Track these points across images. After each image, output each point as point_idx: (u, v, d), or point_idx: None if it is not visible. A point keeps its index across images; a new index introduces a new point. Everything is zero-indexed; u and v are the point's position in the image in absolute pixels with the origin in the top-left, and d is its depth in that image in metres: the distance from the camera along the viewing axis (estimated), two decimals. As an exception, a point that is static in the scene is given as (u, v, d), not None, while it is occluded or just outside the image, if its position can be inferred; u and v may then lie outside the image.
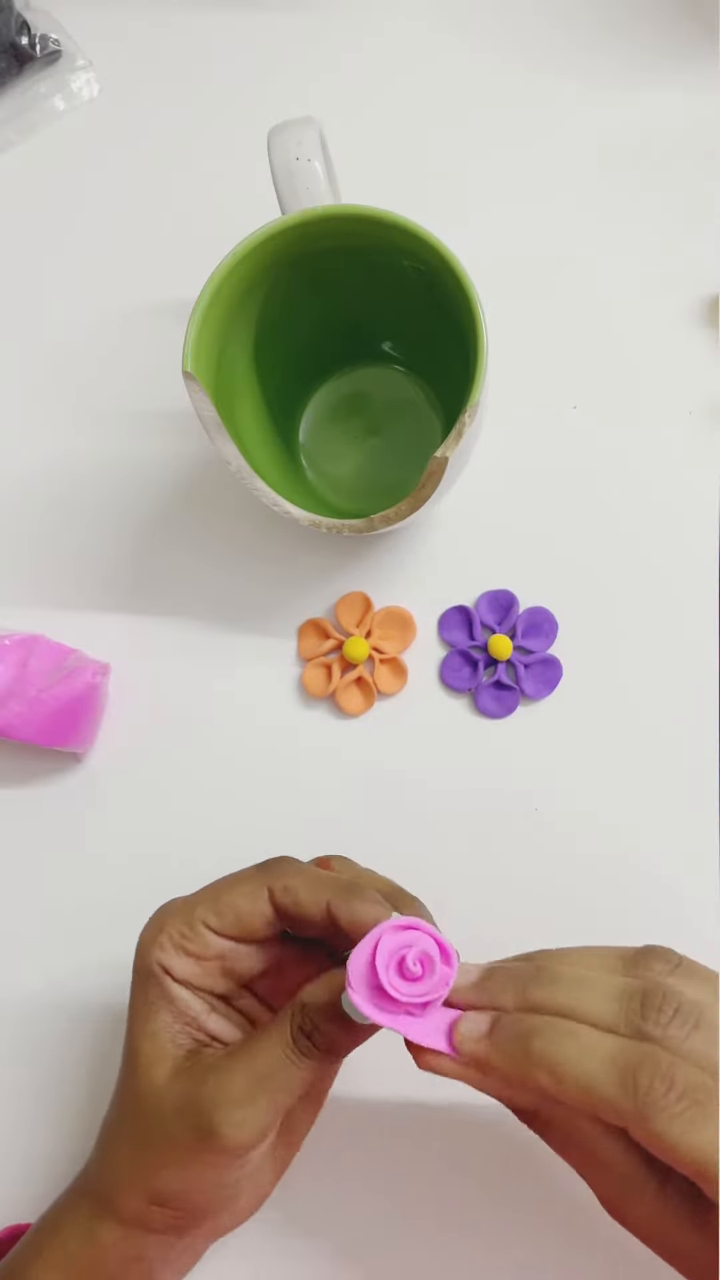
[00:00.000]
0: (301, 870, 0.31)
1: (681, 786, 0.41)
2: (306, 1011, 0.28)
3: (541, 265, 0.45)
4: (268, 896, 0.30)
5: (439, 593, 0.43)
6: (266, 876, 0.30)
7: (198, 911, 0.30)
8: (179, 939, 0.30)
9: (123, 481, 0.45)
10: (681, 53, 0.47)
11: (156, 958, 0.30)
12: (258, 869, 0.31)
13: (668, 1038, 0.25)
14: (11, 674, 0.39)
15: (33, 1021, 0.42)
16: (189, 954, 0.30)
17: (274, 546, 0.44)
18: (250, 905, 0.30)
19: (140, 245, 0.47)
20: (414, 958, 0.27)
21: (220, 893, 0.31)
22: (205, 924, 0.30)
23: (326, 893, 0.29)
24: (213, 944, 0.30)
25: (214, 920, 0.30)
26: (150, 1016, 0.30)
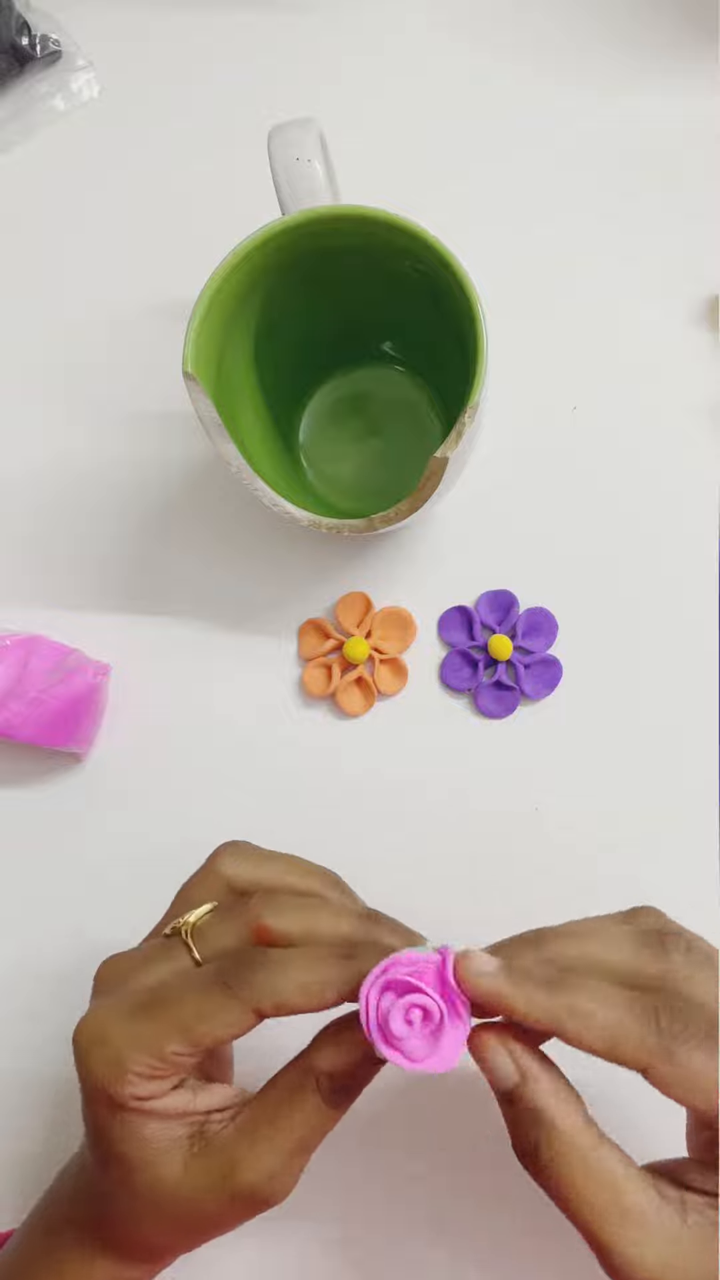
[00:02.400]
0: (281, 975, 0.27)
1: (682, 786, 0.41)
2: (335, 1077, 0.27)
3: (542, 266, 0.45)
4: (252, 1017, 0.27)
5: (439, 593, 0.43)
6: (243, 998, 0.27)
7: (164, 1044, 0.27)
8: (148, 1071, 0.27)
9: (123, 482, 0.45)
10: (681, 55, 0.47)
11: (128, 1093, 0.27)
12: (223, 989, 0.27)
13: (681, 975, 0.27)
14: (12, 674, 0.39)
15: (31, 1019, 0.42)
16: (163, 1077, 0.28)
17: (274, 547, 0.44)
18: (234, 1031, 0.27)
19: (140, 245, 0.47)
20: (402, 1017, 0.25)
21: (190, 1023, 0.27)
22: (175, 1053, 0.27)
23: (333, 992, 0.27)
24: (185, 1062, 0.27)
25: (187, 1050, 0.27)
26: (134, 1130, 0.28)
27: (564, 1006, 0.26)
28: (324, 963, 0.27)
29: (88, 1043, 0.28)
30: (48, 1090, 0.41)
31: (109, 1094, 0.27)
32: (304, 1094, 0.27)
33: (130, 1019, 0.28)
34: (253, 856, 0.31)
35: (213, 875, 0.31)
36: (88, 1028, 0.28)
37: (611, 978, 0.27)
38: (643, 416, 0.44)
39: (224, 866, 0.31)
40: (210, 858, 0.31)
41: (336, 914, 0.29)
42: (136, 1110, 0.27)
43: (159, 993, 0.28)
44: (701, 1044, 0.25)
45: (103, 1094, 0.27)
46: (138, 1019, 0.28)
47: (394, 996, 0.25)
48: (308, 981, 0.27)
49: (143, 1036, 0.27)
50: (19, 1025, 0.42)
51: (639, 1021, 0.26)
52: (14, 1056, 0.42)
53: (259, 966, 0.27)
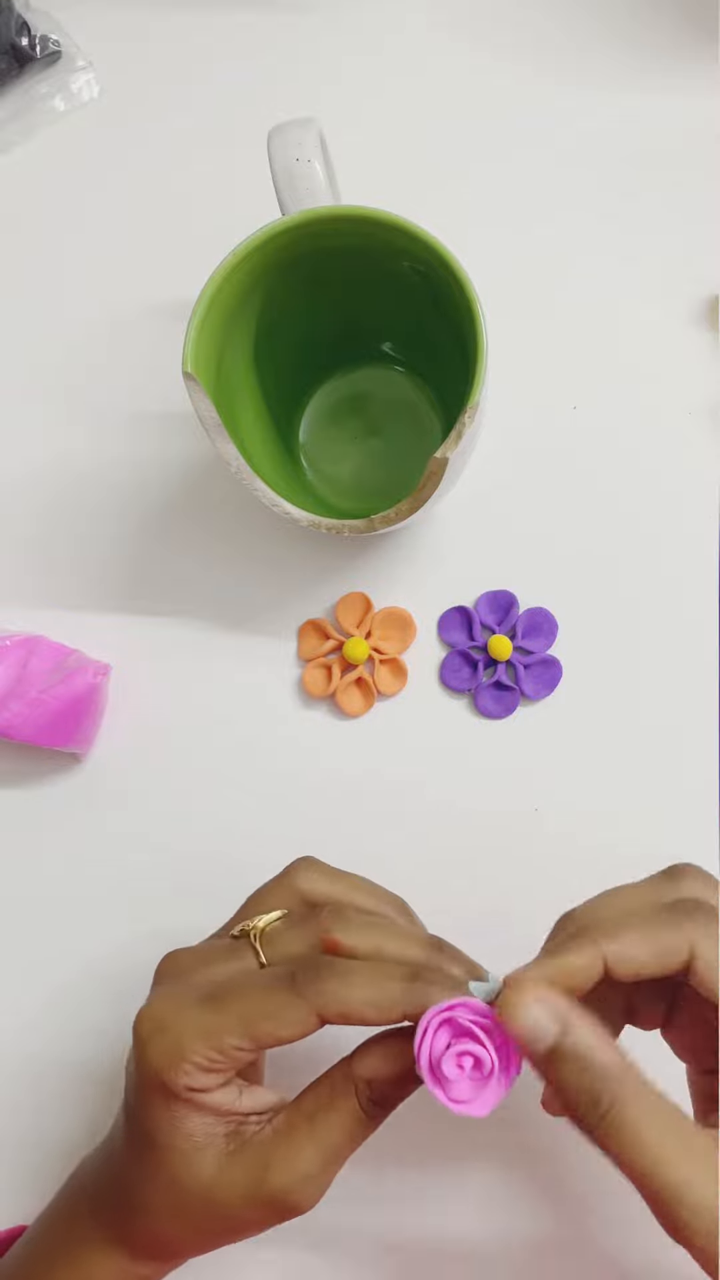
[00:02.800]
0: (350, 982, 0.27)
1: (682, 786, 0.41)
2: (374, 1086, 0.28)
3: (541, 266, 0.45)
4: (315, 1020, 0.27)
5: (439, 593, 0.43)
6: (309, 999, 0.27)
7: (226, 1039, 0.27)
8: (207, 1064, 0.27)
9: (123, 482, 0.45)
10: (681, 55, 0.47)
11: (183, 1084, 0.28)
12: (294, 989, 0.27)
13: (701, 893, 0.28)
14: (12, 674, 0.39)
15: (31, 1023, 0.42)
16: (219, 1072, 0.28)
17: (274, 547, 0.44)
18: (297, 1031, 0.27)
19: (140, 245, 0.47)
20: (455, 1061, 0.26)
21: (255, 1020, 0.27)
22: (236, 1048, 0.27)
23: (397, 1007, 0.27)
24: (243, 1058, 0.28)
25: (249, 1045, 0.27)
26: (180, 1122, 0.28)
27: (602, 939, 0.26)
28: (391, 980, 0.27)
29: (149, 1029, 0.28)
30: (49, 1083, 0.41)
31: (164, 1081, 0.28)
32: (344, 1100, 0.28)
33: (193, 1009, 0.28)
34: (328, 873, 0.32)
35: (286, 887, 0.31)
36: (150, 1014, 0.29)
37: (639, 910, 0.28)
38: (643, 416, 0.44)
39: (299, 880, 0.31)
40: (286, 869, 0.32)
41: (404, 937, 0.29)
42: (188, 1103, 0.28)
43: (224, 987, 0.28)
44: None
45: (157, 1081, 0.28)
46: (201, 1010, 0.28)
47: (450, 1035, 0.26)
48: (374, 995, 0.27)
49: (205, 1027, 0.28)
50: (18, 1025, 0.42)
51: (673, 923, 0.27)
52: (13, 1056, 0.42)
53: (328, 973, 0.27)
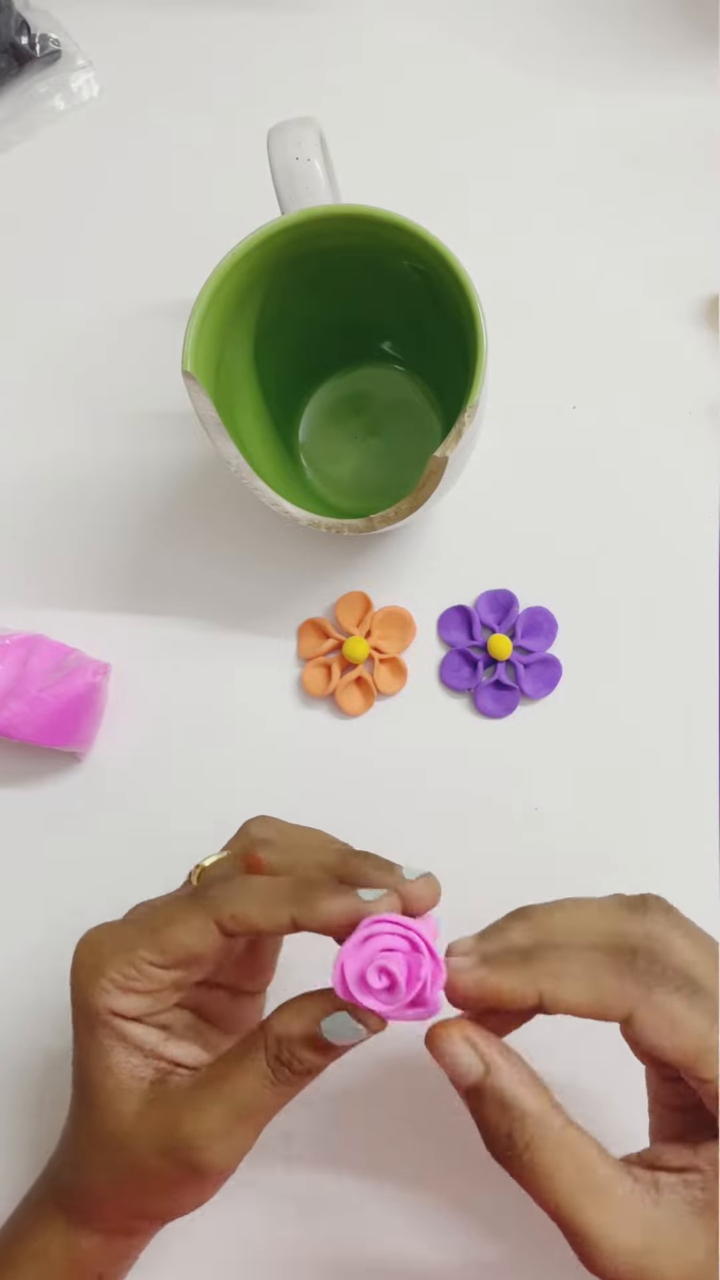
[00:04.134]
0: (244, 890, 0.28)
1: (682, 786, 0.41)
2: (283, 1043, 0.27)
3: (541, 265, 0.45)
4: (215, 928, 0.28)
5: (439, 592, 0.43)
6: (208, 907, 0.28)
7: (139, 952, 0.28)
8: (124, 981, 0.28)
9: (123, 481, 0.45)
10: (681, 55, 0.47)
11: (102, 1003, 0.28)
12: (193, 899, 0.29)
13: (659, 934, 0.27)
14: (12, 673, 0.39)
15: (31, 1021, 0.42)
16: (137, 992, 0.28)
17: (274, 546, 0.44)
18: (197, 940, 0.28)
19: (140, 245, 0.47)
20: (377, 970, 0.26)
21: (159, 928, 0.28)
22: (148, 962, 0.28)
23: (285, 909, 0.27)
24: (161, 977, 0.28)
25: (158, 958, 0.28)
26: (104, 1054, 0.28)
27: (544, 973, 0.26)
28: (284, 885, 0.28)
29: (80, 951, 0.29)
30: (42, 1081, 0.41)
31: (86, 1003, 0.28)
32: (252, 1058, 0.28)
33: (116, 928, 0.29)
34: (278, 823, 0.33)
35: (241, 835, 0.33)
36: (86, 937, 0.30)
37: (591, 943, 0.27)
38: (643, 416, 0.44)
39: (251, 829, 0.32)
40: (241, 825, 0.33)
41: (322, 850, 0.30)
42: (106, 1027, 0.28)
43: (141, 912, 0.30)
44: (679, 990, 0.26)
45: (81, 1005, 0.29)
46: (122, 927, 0.29)
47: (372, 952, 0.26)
48: (266, 899, 0.28)
49: (121, 941, 0.29)
50: (20, 1025, 0.42)
51: (617, 972, 0.26)
52: (14, 1055, 0.42)
53: (227, 884, 0.29)
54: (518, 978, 0.26)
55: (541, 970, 0.26)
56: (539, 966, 0.26)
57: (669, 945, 0.27)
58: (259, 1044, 0.28)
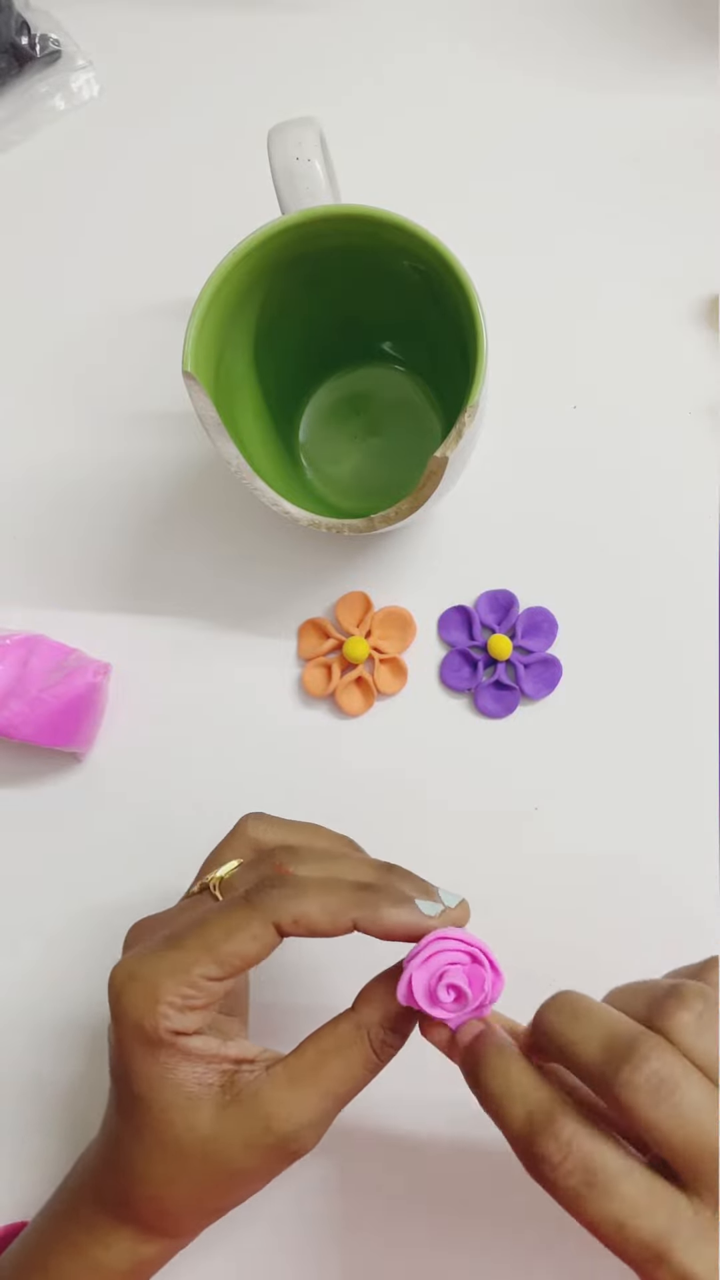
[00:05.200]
0: (303, 891, 0.28)
1: (682, 785, 0.41)
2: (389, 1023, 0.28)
3: (541, 265, 0.45)
4: (275, 932, 0.28)
5: (439, 593, 0.43)
6: (267, 912, 0.28)
7: (196, 971, 0.28)
8: (183, 1002, 0.28)
9: (123, 481, 0.45)
10: (681, 55, 0.47)
11: (164, 1027, 0.28)
12: (250, 907, 0.28)
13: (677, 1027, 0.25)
14: (12, 674, 0.39)
15: (31, 1021, 0.42)
16: (196, 1009, 0.28)
17: (274, 546, 0.44)
18: (257, 947, 0.28)
19: (140, 245, 0.47)
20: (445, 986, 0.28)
21: (218, 943, 0.28)
22: (207, 977, 0.28)
23: (349, 912, 0.28)
24: (218, 990, 0.28)
25: (216, 971, 0.28)
26: (169, 1072, 0.28)
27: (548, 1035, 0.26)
28: (342, 889, 0.28)
29: (121, 982, 0.29)
30: (48, 1088, 0.41)
31: (144, 1028, 0.28)
32: (355, 1045, 0.28)
33: (161, 953, 0.29)
34: (277, 822, 0.33)
35: (239, 838, 0.32)
36: (120, 969, 0.29)
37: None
38: (643, 416, 0.44)
39: (250, 829, 0.32)
40: (237, 823, 0.33)
41: (356, 864, 0.30)
42: (170, 1048, 0.28)
43: (185, 926, 0.29)
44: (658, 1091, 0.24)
45: (137, 1030, 0.28)
46: (167, 951, 0.29)
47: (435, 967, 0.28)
48: (328, 901, 0.28)
49: (173, 965, 0.28)
50: (18, 1025, 0.42)
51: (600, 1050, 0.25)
52: (18, 1054, 0.42)
53: (280, 886, 0.28)
54: None
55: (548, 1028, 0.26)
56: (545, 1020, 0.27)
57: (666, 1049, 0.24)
58: (357, 1035, 0.28)
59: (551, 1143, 0.24)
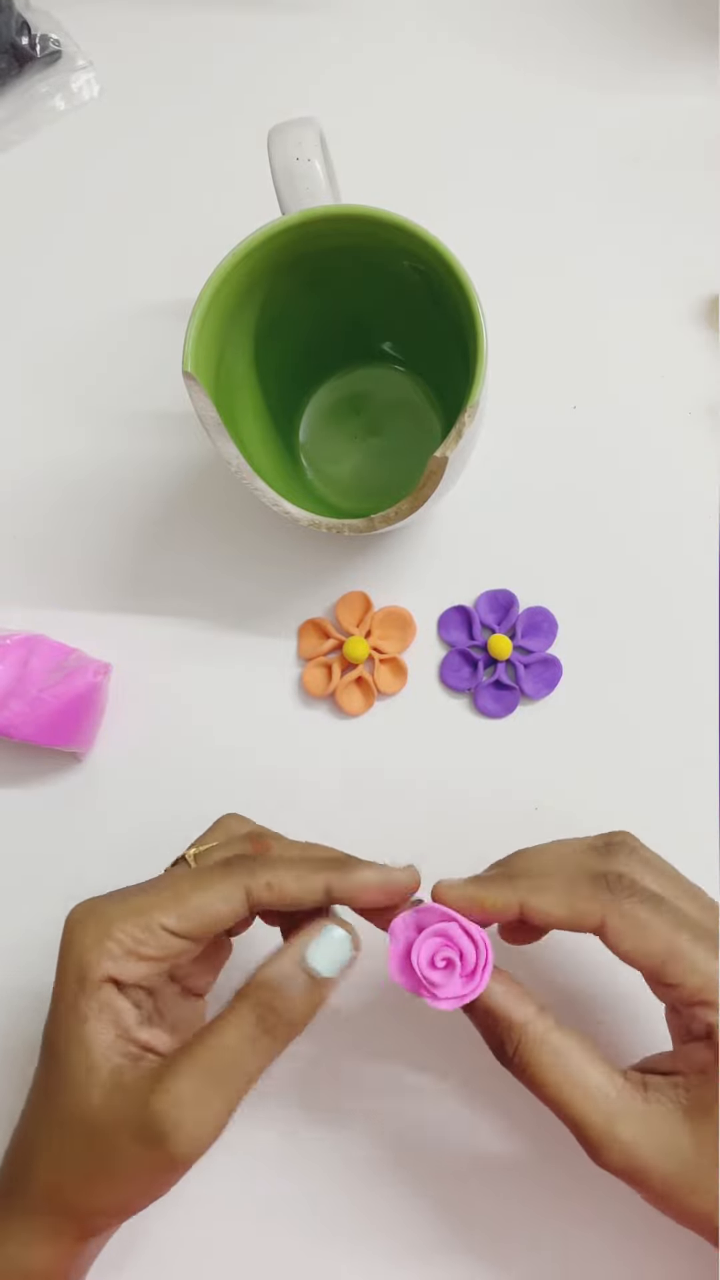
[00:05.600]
0: (277, 861, 0.29)
1: (682, 785, 0.41)
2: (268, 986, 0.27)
3: (541, 265, 0.45)
4: (244, 896, 0.28)
5: (439, 592, 0.43)
6: (242, 876, 0.28)
7: (156, 915, 0.28)
8: (132, 944, 0.28)
9: (123, 481, 0.45)
10: (681, 54, 0.47)
11: (103, 967, 0.27)
12: (226, 868, 0.29)
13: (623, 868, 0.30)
14: (13, 673, 0.39)
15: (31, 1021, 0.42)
16: (142, 958, 0.28)
17: (274, 546, 0.44)
18: (225, 907, 0.28)
19: (140, 245, 0.47)
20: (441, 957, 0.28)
21: (186, 894, 0.28)
22: (164, 927, 0.28)
23: (321, 878, 0.28)
24: (171, 945, 0.28)
25: (175, 924, 0.28)
26: (82, 1024, 0.27)
27: (525, 887, 0.29)
28: (316, 860, 0.29)
29: (78, 915, 0.28)
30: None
31: (82, 964, 0.27)
32: (234, 1012, 0.27)
33: (122, 896, 0.29)
34: (255, 824, 0.34)
35: (218, 830, 0.33)
36: (77, 908, 0.29)
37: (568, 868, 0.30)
38: (643, 416, 0.44)
39: (228, 824, 0.33)
40: (217, 820, 0.33)
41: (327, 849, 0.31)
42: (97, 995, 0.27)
43: (155, 879, 0.29)
44: (644, 902, 0.29)
45: (75, 968, 0.28)
46: (131, 894, 0.29)
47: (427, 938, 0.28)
48: (300, 870, 0.28)
49: (136, 906, 0.28)
50: (17, 1027, 0.42)
51: (591, 884, 0.29)
52: (12, 1055, 0.42)
53: (256, 855, 0.29)
54: (500, 891, 0.29)
55: (522, 885, 0.29)
56: (521, 883, 0.30)
57: (635, 871, 0.30)
58: (243, 996, 0.27)
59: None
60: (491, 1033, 0.29)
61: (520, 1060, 0.28)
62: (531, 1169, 0.38)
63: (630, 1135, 0.27)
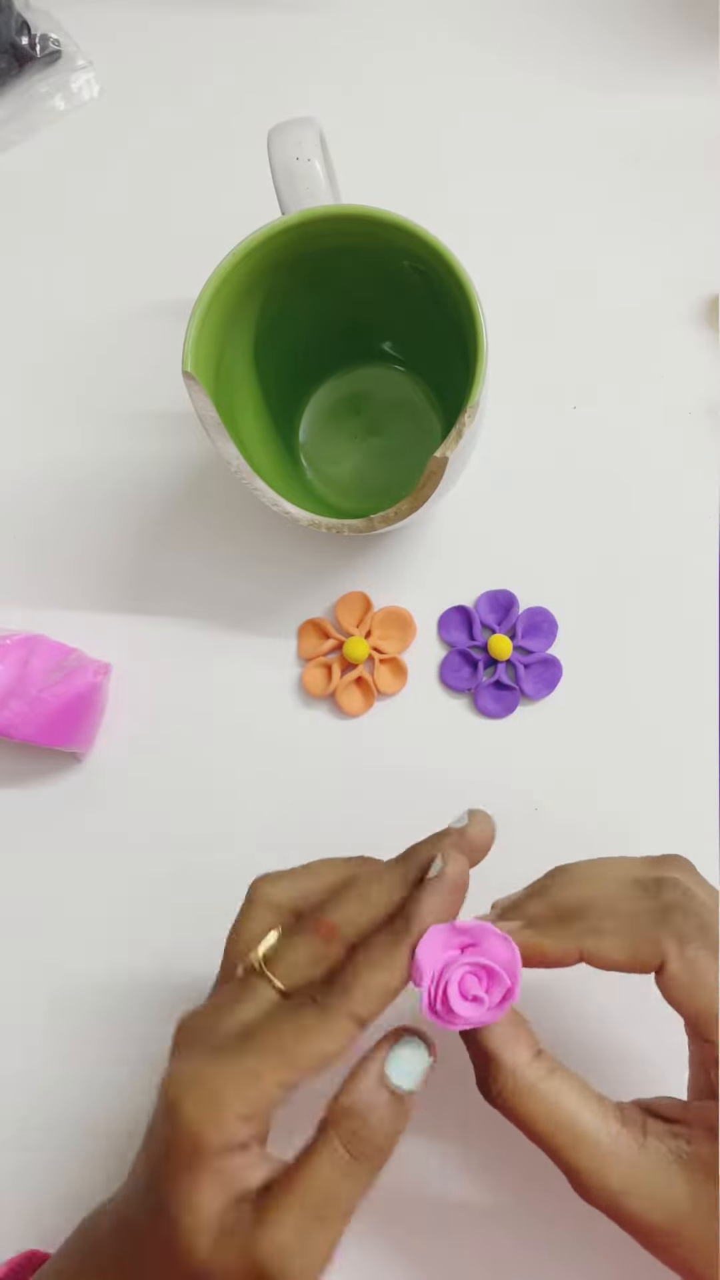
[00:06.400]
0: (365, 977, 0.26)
1: (682, 785, 0.41)
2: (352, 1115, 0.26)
3: (541, 265, 0.45)
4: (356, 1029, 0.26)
5: (439, 593, 0.43)
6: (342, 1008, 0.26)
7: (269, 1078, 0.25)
8: (249, 1112, 0.25)
9: (123, 481, 0.45)
10: (681, 54, 0.47)
11: (224, 1137, 0.25)
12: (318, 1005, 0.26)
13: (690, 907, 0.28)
14: (13, 673, 0.39)
15: (31, 1023, 0.42)
16: (260, 1117, 0.26)
17: (274, 546, 0.44)
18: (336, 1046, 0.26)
19: (140, 245, 0.47)
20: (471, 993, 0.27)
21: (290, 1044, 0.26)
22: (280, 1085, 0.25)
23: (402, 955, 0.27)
24: (283, 1099, 0.26)
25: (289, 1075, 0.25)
26: (195, 1190, 0.25)
27: (584, 931, 0.28)
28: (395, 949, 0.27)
29: (181, 1087, 0.26)
30: (34, 1091, 0.41)
31: (200, 1141, 0.25)
32: (321, 1144, 0.26)
33: (226, 1058, 0.26)
34: (288, 874, 0.31)
35: (260, 906, 0.30)
36: (179, 1074, 0.26)
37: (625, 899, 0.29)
38: (643, 416, 0.44)
39: (266, 894, 0.30)
40: (250, 890, 0.30)
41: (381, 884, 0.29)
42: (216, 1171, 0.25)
43: (251, 1028, 0.26)
44: (706, 948, 0.27)
45: (191, 1142, 0.25)
46: (235, 1055, 0.26)
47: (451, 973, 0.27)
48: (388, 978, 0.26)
49: (243, 1070, 0.25)
50: (18, 1027, 0.42)
51: (653, 925, 0.28)
52: (11, 1055, 0.42)
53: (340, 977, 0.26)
54: (559, 938, 0.28)
55: (581, 929, 0.28)
56: (579, 925, 0.28)
57: (696, 909, 0.28)
58: (328, 1126, 0.26)
59: None
60: (480, 1068, 0.28)
61: (504, 1105, 0.27)
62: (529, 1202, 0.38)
63: (620, 1183, 0.26)
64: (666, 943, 0.28)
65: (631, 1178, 0.27)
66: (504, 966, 0.27)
